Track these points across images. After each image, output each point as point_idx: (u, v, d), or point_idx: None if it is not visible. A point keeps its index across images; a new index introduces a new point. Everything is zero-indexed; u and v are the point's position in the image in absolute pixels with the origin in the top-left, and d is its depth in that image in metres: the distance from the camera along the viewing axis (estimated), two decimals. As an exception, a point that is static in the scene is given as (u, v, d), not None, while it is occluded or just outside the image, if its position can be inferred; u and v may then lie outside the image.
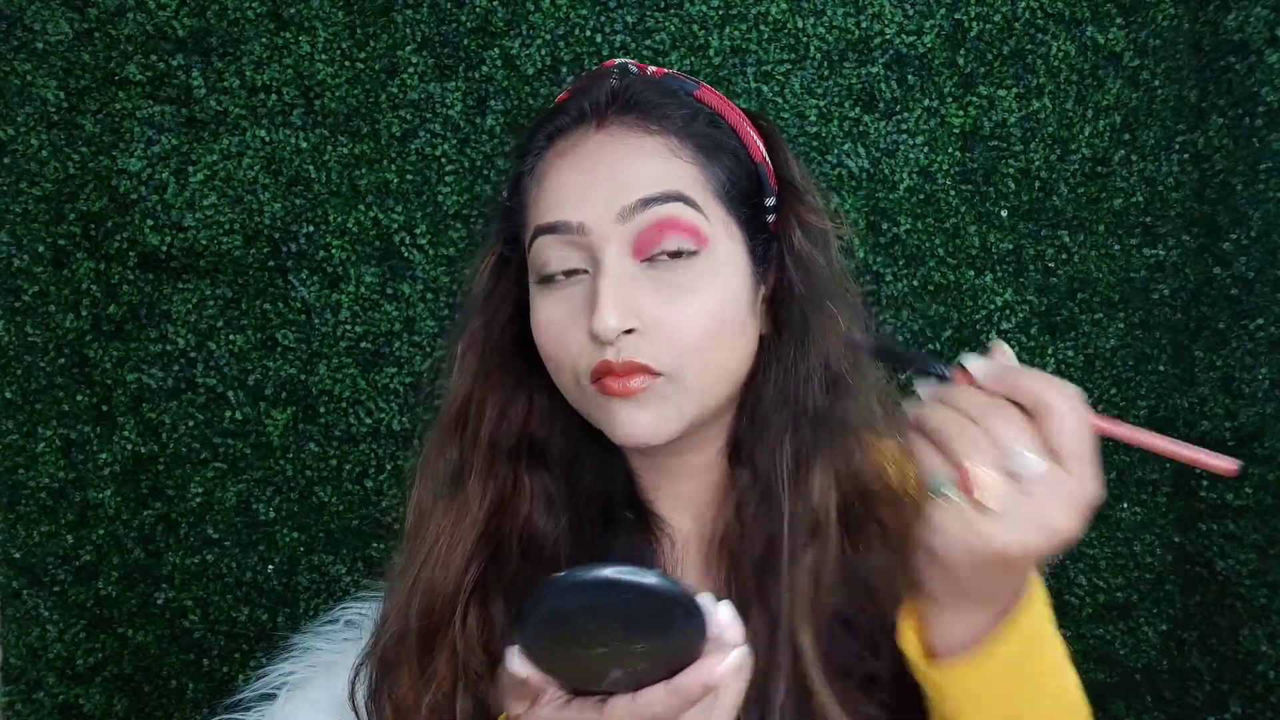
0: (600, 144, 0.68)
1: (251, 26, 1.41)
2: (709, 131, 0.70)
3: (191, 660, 1.50)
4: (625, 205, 0.65)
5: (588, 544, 0.72)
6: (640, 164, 0.67)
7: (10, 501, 1.46)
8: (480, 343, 0.75)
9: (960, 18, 1.46)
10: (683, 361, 0.65)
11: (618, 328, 0.63)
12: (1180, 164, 1.52)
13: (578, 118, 0.70)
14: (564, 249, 0.67)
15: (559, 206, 0.67)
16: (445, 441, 0.75)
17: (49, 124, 1.40)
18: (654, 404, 0.66)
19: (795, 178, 0.74)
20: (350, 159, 1.45)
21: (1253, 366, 1.48)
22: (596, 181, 0.66)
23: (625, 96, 0.69)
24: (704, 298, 0.66)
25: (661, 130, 0.68)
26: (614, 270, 0.65)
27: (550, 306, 0.68)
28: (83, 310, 1.44)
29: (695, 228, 0.66)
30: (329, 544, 1.50)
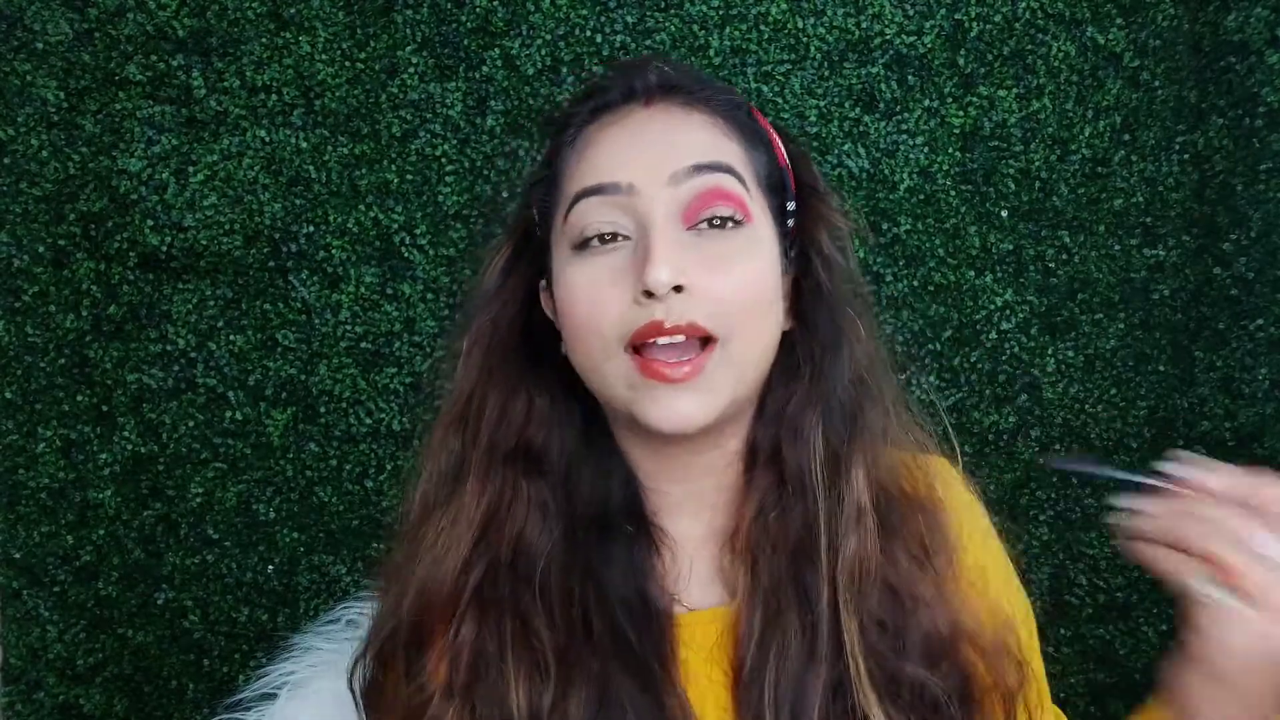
0: (648, 116, 0.69)
1: (251, 26, 1.41)
2: (749, 121, 0.71)
3: (191, 660, 1.50)
4: (677, 169, 0.65)
5: (583, 557, 0.71)
6: (692, 132, 0.68)
7: (10, 501, 1.46)
8: (487, 339, 0.74)
9: (960, 18, 1.47)
10: (730, 320, 0.65)
11: (670, 281, 0.62)
12: (1180, 164, 1.52)
13: (625, 96, 0.70)
14: (609, 211, 0.66)
15: (607, 168, 0.66)
16: (447, 436, 0.75)
17: (49, 124, 1.40)
18: (698, 390, 0.65)
19: (818, 183, 0.75)
20: (350, 159, 1.45)
21: (1253, 367, 1.48)
22: (648, 145, 0.67)
23: (671, 81, 0.70)
24: (747, 267, 0.66)
25: (710, 111, 0.69)
26: (665, 227, 0.64)
27: (587, 270, 0.66)
28: (83, 310, 1.44)
29: (743, 200, 0.67)
30: (329, 544, 1.50)
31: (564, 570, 0.70)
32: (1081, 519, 1.57)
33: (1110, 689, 1.60)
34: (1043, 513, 1.57)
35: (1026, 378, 1.54)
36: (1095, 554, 1.58)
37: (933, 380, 1.53)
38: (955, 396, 1.53)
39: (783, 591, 0.69)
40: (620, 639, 0.68)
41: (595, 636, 0.68)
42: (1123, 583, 1.58)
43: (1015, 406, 1.54)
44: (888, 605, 0.68)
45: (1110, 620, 1.59)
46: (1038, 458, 0.72)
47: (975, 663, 0.69)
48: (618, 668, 0.67)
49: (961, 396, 1.54)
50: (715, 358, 0.64)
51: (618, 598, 0.69)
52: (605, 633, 0.68)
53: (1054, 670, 1.67)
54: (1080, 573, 1.58)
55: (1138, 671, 1.60)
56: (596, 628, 0.68)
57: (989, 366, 1.53)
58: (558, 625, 0.69)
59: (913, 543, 0.70)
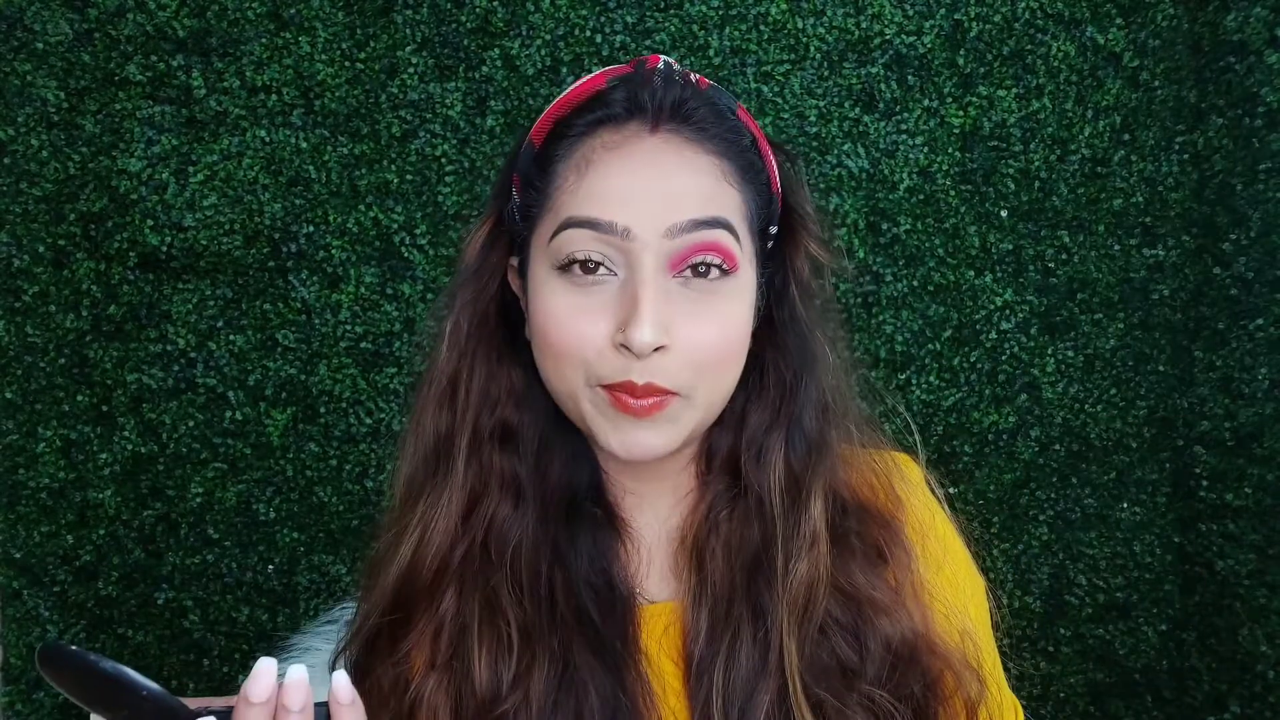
0: (655, 150, 0.67)
1: (251, 26, 1.41)
2: (748, 159, 0.70)
3: (191, 660, 1.50)
4: (676, 223, 0.64)
5: (551, 537, 0.72)
6: (695, 182, 0.66)
7: (10, 501, 1.46)
8: (469, 317, 0.74)
9: (960, 18, 1.47)
10: (698, 381, 0.66)
11: (654, 343, 0.63)
12: (1180, 164, 1.52)
13: (630, 111, 0.68)
14: (600, 245, 0.65)
15: (604, 204, 0.65)
16: (432, 416, 0.75)
17: (49, 124, 1.40)
18: (662, 425, 0.66)
19: (806, 208, 0.74)
20: (350, 159, 1.45)
21: (1252, 366, 1.48)
22: (650, 190, 0.65)
23: (682, 108, 0.68)
24: (726, 319, 0.67)
25: (715, 151, 0.68)
26: (654, 283, 0.64)
27: (569, 298, 0.66)
28: (83, 310, 1.44)
29: (733, 254, 0.66)
30: (329, 544, 1.50)
31: (534, 550, 0.71)
32: (1081, 519, 1.57)
33: (1110, 689, 1.60)
34: (1043, 513, 1.57)
35: (1026, 378, 1.54)
36: (1095, 554, 1.58)
37: (933, 380, 1.53)
38: (955, 396, 1.53)
39: (736, 601, 0.70)
40: (584, 618, 0.69)
41: (560, 615, 0.69)
42: (1123, 583, 1.58)
43: (1015, 406, 1.54)
44: (846, 614, 0.69)
45: (1110, 620, 1.59)
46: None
47: (934, 669, 0.70)
48: (581, 645, 0.68)
49: (961, 396, 1.54)
50: (679, 402, 0.66)
51: (584, 579, 0.71)
52: (570, 612, 0.70)
53: (1054, 670, 1.68)
54: (1080, 573, 1.58)
55: (1138, 671, 1.60)
56: (562, 606, 0.70)
57: (989, 366, 1.53)
58: (525, 603, 0.70)
59: (871, 552, 0.71)
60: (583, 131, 0.68)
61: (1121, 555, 1.58)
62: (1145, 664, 1.60)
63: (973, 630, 0.73)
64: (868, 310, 1.51)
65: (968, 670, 0.70)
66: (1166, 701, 1.60)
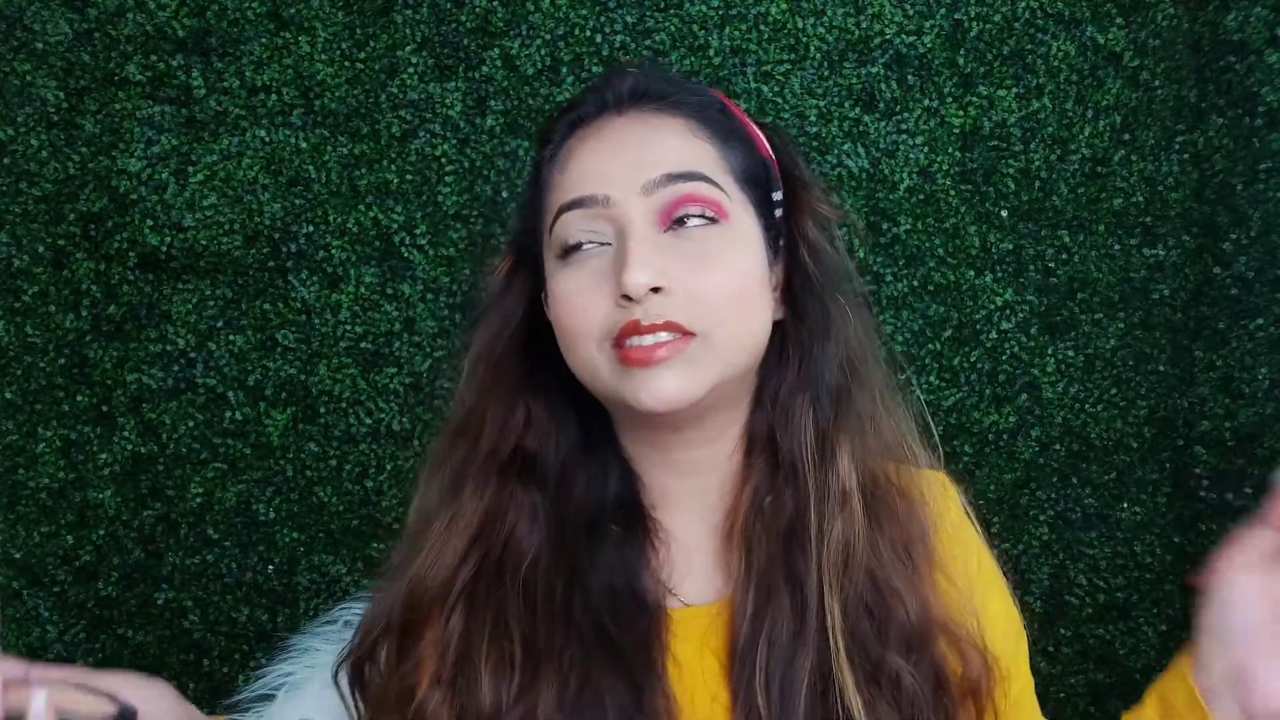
0: (623, 126, 0.70)
1: (251, 26, 1.41)
2: (722, 118, 0.72)
3: (191, 660, 1.50)
4: (650, 179, 0.67)
5: (568, 556, 0.72)
6: (663, 141, 0.69)
7: (10, 501, 1.46)
8: (489, 352, 0.76)
9: (960, 18, 1.46)
10: (711, 319, 0.66)
11: (648, 283, 0.64)
12: (1180, 164, 1.52)
13: (599, 108, 0.72)
14: (589, 222, 0.68)
15: (583, 182, 0.68)
16: (450, 449, 0.76)
17: (49, 124, 1.40)
18: (679, 366, 0.66)
19: (803, 172, 0.76)
20: (350, 159, 1.45)
21: (1253, 366, 1.49)
22: (621, 158, 0.68)
23: (643, 88, 0.72)
24: (727, 263, 0.68)
25: (679, 113, 0.71)
26: (641, 234, 0.66)
27: (572, 277, 0.68)
28: (83, 310, 1.44)
29: (717, 202, 0.68)
30: (329, 544, 1.50)
31: (549, 568, 0.72)
32: (1081, 519, 1.57)
33: (1110, 689, 1.60)
34: (1043, 513, 1.57)
35: (1026, 378, 1.54)
36: (1095, 554, 1.58)
37: (933, 380, 1.53)
38: (955, 396, 1.53)
39: (774, 574, 0.70)
40: (603, 633, 0.69)
41: (576, 631, 0.69)
42: (1123, 583, 1.58)
43: (1015, 406, 1.54)
44: (870, 593, 0.70)
45: (1110, 620, 1.59)
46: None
47: (948, 658, 0.70)
48: (598, 660, 0.68)
49: (961, 396, 1.54)
50: (695, 343, 0.66)
51: (601, 592, 0.71)
52: (588, 627, 0.69)
53: (1054, 670, 1.68)
54: (1080, 573, 1.58)
55: (1138, 671, 1.60)
56: (579, 622, 0.70)
57: (989, 366, 1.53)
58: (537, 621, 0.70)
59: (895, 535, 0.72)
60: (563, 135, 0.73)
61: (1122, 555, 1.58)
62: (1145, 664, 1.60)
63: (984, 628, 0.73)
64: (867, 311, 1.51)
65: (977, 658, 0.70)
66: (1167, 701, 1.60)
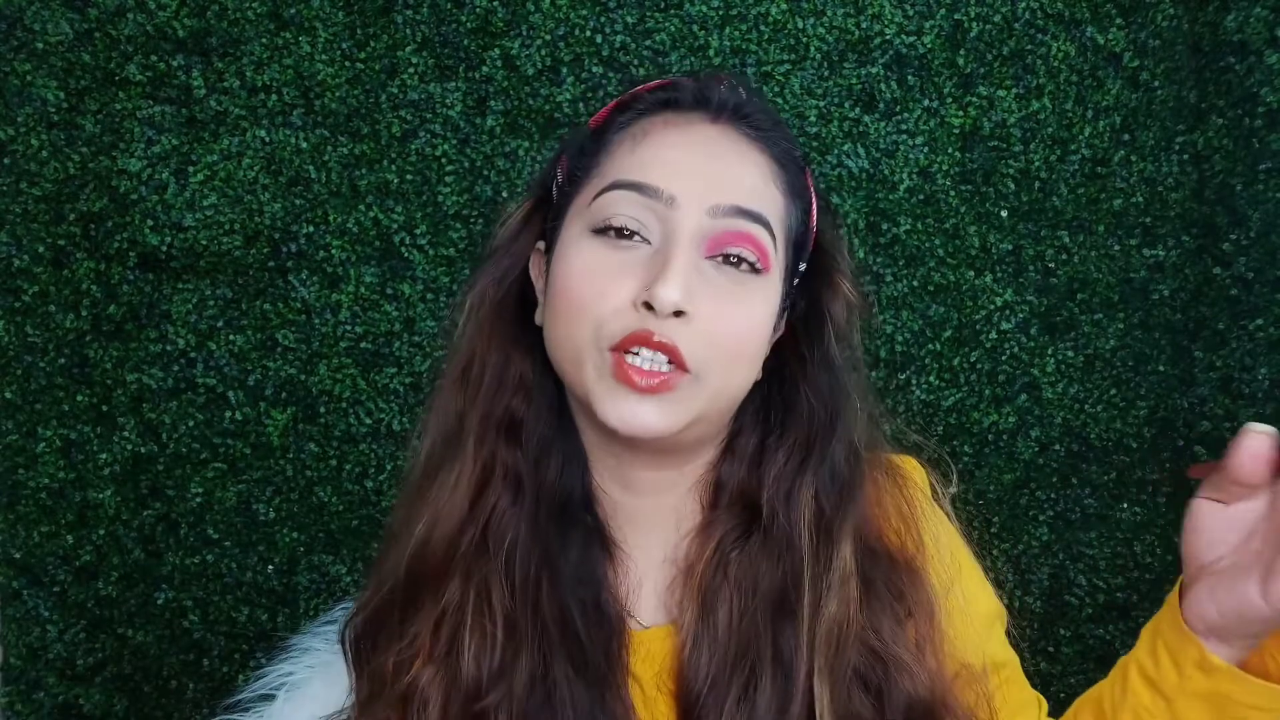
0: (713, 136, 0.69)
1: (251, 26, 1.41)
2: (797, 174, 0.72)
3: (191, 660, 1.50)
4: (720, 203, 0.65)
5: (543, 539, 0.71)
6: (745, 173, 0.68)
7: (10, 501, 1.46)
8: (490, 297, 0.73)
9: (960, 18, 1.47)
10: (712, 361, 0.65)
11: (678, 302, 0.62)
12: (1180, 164, 1.52)
13: (695, 103, 0.70)
14: (641, 210, 0.65)
15: (656, 170, 0.66)
16: (451, 395, 0.74)
17: (49, 124, 1.40)
18: (666, 404, 0.64)
19: (842, 251, 0.75)
20: (350, 159, 1.45)
21: (1252, 366, 1.49)
22: (701, 166, 0.67)
23: (744, 107, 0.70)
24: (751, 312, 0.67)
25: (768, 153, 0.70)
26: (688, 252, 0.65)
27: (598, 255, 0.66)
28: (83, 310, 1.44)
29: (767, 253, 0.67)
30: (329, 544, 1.50)
31: (526, 549, 0.71)
32: (1081, 519, 1.57)
33: (1110, 689, 1.60)
34: (1043, 513, 1.57)
35: (1026, 378, 1.54)
36: (1095, 554, 1.58)
37: (933, 380, 1.53)
38: (955, 396, 1.53)
39: (754, 643, 0.69)
40: (568, 630, 0.69)
41: (543, 621, 0.69)
42: (1123, 583, 1.58)
43: (1015, 406, 1.54)
44: (870, 668, 0.68)
45: (1110, 620, 1.59)
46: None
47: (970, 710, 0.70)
48: (562, 657, 0.68)
49: (961, 396, 1.54)
50: (686, 381, 0.64)
51: (571, 590, 0.70)
52: (554, 621, 0.69)
53: (1054, 670, 1.68)
54: (1080, 573, 1.58)
55: (1138, 671, 1.60)
56: (545, 613, 0.69)
57: (989, 366, 1.53)
58: (515, 603, 0.69)
59: (896, 603, 0.70)
60: (646, 109, 0.70)
61: (1121, 555, 1.58)
62: (1145, 664, 1.60)
63: (986, 652, 0.72)
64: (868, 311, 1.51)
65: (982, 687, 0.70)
66: (1166, 701, 1.60)
